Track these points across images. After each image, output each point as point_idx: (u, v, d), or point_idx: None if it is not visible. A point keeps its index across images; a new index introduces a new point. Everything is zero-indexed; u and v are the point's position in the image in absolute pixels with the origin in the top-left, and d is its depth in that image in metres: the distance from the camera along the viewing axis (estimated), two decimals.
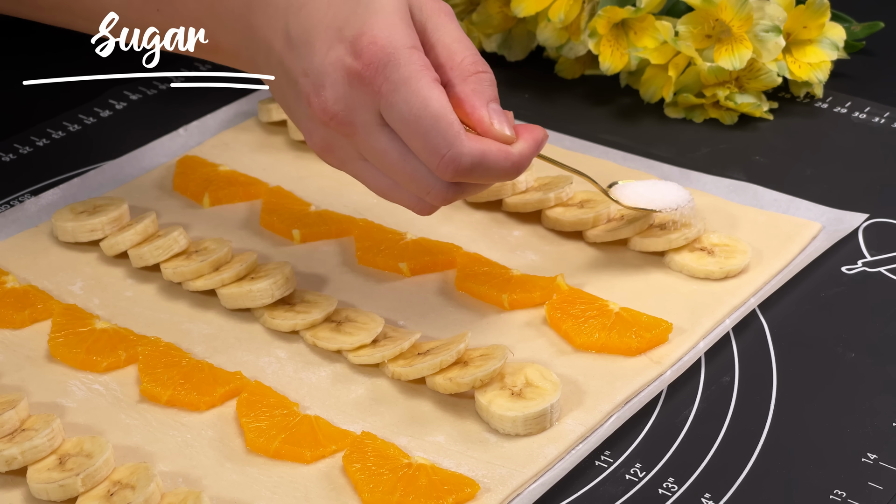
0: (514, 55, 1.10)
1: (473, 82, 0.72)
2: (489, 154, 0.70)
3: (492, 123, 0.71)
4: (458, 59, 0.72)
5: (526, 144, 0.71)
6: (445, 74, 0.72)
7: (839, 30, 1.02)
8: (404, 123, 0.69)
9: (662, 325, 0.78)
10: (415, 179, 0.71)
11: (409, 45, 0.70)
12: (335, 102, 0.71)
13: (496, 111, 0.71)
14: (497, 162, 0.70)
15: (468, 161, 0.69)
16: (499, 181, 0.73)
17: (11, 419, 0.71)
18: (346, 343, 0.77)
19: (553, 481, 0.69)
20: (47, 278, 0.85)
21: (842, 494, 0.68)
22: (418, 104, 0.69)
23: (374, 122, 0.71)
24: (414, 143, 0.70)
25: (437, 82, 0.70)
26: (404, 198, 0.73)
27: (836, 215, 0.89)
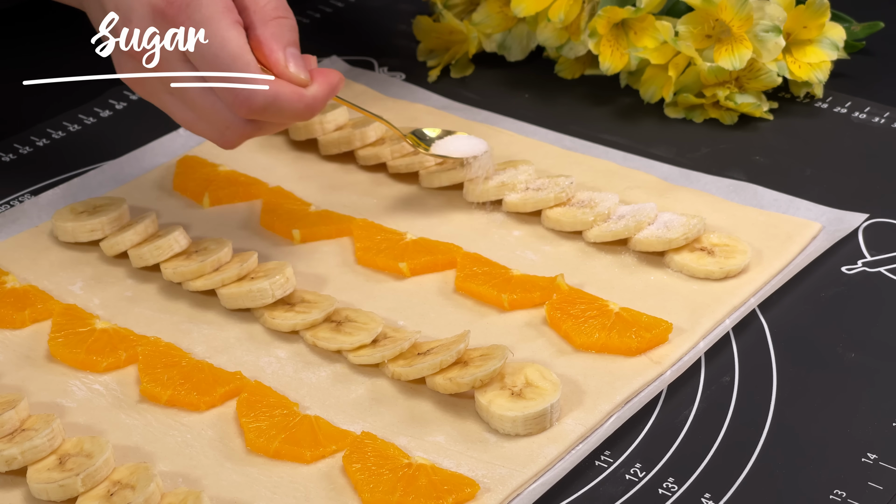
0: (514, 55, 1.10)
1: (273, 26, 0.77)
2: (282, 94, 0.75)
3: (287, 66, 0.76)
4: (261, 4, 0.77)
5: (320, 88, 0.76)
6: (248, 17, 0.77)
7: (839, 30, 1.02)
8: (204, 61, 0.74)
9: (662, 325, 0.78)
10: (214, 114, 0.76)
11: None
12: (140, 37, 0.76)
13: (293, 55, 0.76)
14: (290, 102, 0.75)
15: (261, 100, 0.74)
16: (294, 121, 0.79)
17: (11, 419, 0.71)
18: (346, 343, 0.78)
19: (553, 481, 0.69)
20: (47, 278, 0.86)
21: (842, 494, 0.68)
22: (217, 44, 0.74)
23: (177, 58, 0.75)
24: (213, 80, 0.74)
25: (237, 24, 0.75)
26: (207, 131, 0.78)
27: (836, 215, 0.89)
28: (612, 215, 0.87)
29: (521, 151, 0.97)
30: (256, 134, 0.78)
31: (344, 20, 1.20)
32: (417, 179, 0.94)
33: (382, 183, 0.95)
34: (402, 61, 1.12)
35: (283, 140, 1.00)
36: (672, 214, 0.86)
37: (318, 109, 0.77)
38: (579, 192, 0.90)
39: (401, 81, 1.08)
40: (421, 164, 0.93)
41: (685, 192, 0.92)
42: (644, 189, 0.92)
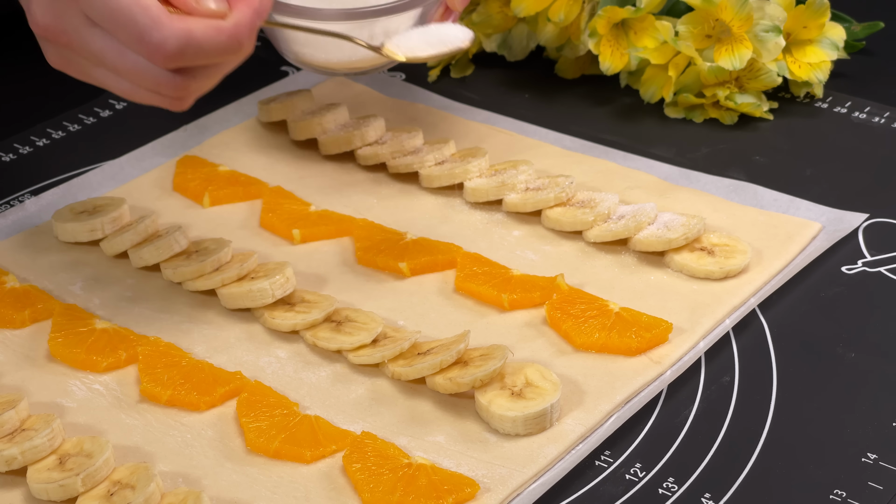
0: (514, 55, 1.10)
1: None
2: (195, 31, 0.68)
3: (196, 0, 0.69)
4: None
5: (240, 14, 0.70)
6: None
7: (839, 30, 1.02)
8: (105, 19, 0.68)
9: (662, 325, 0.78)
10: (138, 74, 0.70)
11: None
12: (43, 15, 0.70)
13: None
14: (208, 38, 0.68)
15: (174, 43, 0.68)
16: (222, 58, 0.70)
17: (11, 419, 0.71)
18: (346, 343, 0.78)
19: (553, 481, 0.69)
20: (47, 278, 0.86)
21: (842, 494, 0.68)
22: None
23: (83, 25, 0.70)
24: (121, 36, 0.68)
25: None
26: (146, 96, 0.72)
27: (836, 215, 0.89)
28: (612, 215, 0.87)
29: (521, 151, 0.97)
30: (196, 84, 0.71)
31: None
32: (417, 179, 0.94)
33: (382, 183, 0.95)
34: None
35: (283, 140, 1.00)
36: (672, 214, 0.86)
37: (245, 38, 0.70)
38: (579, 192, 0.90)
39: (401, 81, 1.08)
40: (421, 164, 0.93)
41: (685, 192, 0.92)
42: (644, 189, 0.92)
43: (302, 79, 1.08)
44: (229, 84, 1.08)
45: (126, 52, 0.69)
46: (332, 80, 1.07)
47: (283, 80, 1.08)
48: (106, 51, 0.70)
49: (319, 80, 1.08)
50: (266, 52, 1.14)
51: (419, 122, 1.01)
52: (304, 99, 1.00)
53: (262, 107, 1.01)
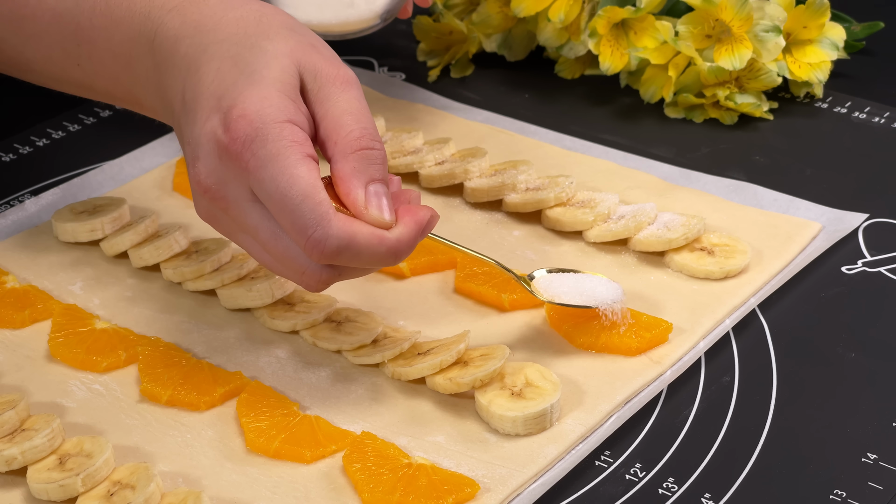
0: (514, 55, 1.10)
1: (355, 160, 0.68)
2: (359, 237, 0.67)
3: (367, 207, 0.68)
4: (343, 133, 0.69)
5: (406, 229, 0.68)
6: (329, 150, 0.69)
7: (839, 30, 1.02)
8: (272, 202, 0.67)
9: (662, 325, 0.78)
10: (287, 259, 0.69)
11: (282, 120, 0.67)
12: (207, 175, 0.68)
13: (376, 193, 0.68)
14: (369, 246, 0.67)
15: (335, 244, 0.66)
16: (378, 266, 0.70)
17: (11, 419, 0.71)
18: (346, 343, 0.78)
19: (553, 481, 0.69)
20: (47, 278, 0.85)
21: (842, 494, 0.68)
22: (284, 182, 0.66)
23: (245, 198, 0.68)
24: (283, 221, 0.67)
25: (308, 159, 0.67)
26: (286, 274, 0.70)
27: (836, 215, 0.89)
28: (612, 215, 0.87)
29: (521, 151, 0.97)
30: (340, 279, 0.70)
31: None
32: (417, 179, 0.94)
33: None
34: (402, 61, 1.12)
35: None
36: (672, 214, 0.86)
37: (404, 253, 0.68)
38: (579, 192, 0.90)
39: (401, 81, 1.09)
40: (421, 164, 0.93)
41: (685, 192, 0.92)
42: (644, 189, 0.92)
43: None
44: None
45: (281, 236, 0.68)
46: None
47: None
48: (261, 229, 0.68)
49: None
50: None
51: (419, 122, 1.01)
52: None
53: None
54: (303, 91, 0.70)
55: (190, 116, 0.69)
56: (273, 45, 0.69)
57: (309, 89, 0.70)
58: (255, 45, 0.69)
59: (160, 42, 0.72)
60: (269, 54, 0.69)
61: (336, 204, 0.67)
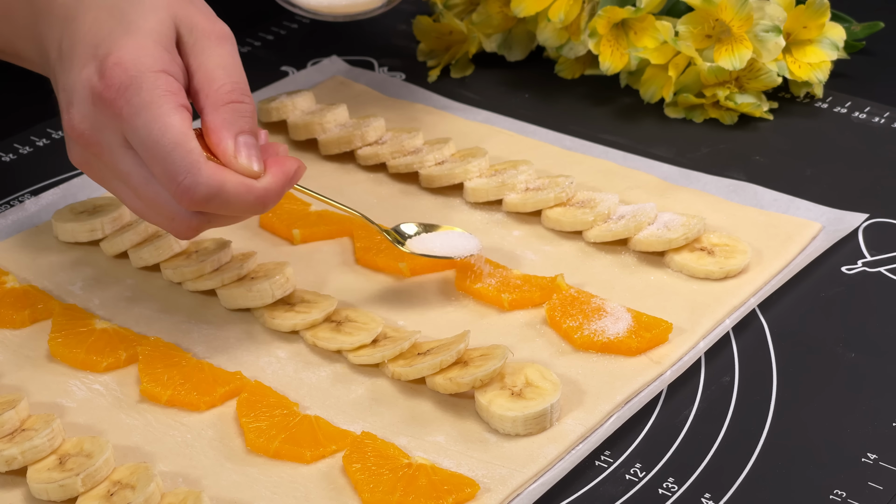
0: (514, 55, 1.10)
1: (226, 112, 0.71)
2: (228, 186, 0.69)
3: (236, 156, 0.70)
4: (215, 87, 0.71)
5: (273, 179, 0.71)
6: (201, 101, 0.71)
7: (839, 30, 1.02)
8: (144, 148, 0.69)
9: (662, 325, 0.78)
10: (158, 205, 0.71)
11: (157, 69, 0.69)
12: (81, 121, 0.70)
13: (245, 143, 0.70)
14: (238, 195, 0.69)
15: (204, 191, 0.68)
16: (246, 214, 0.72)
17: (11, 419, 0.71)
18: (346, 343, 0.78)
19: (553, 481, 0.69)
20: (47, 278, 0.86)
21: (842, 494, 0.68)
22: (157, 130, 0.68)
23: (118, 144, 0.70)
24: (154, 168, 0.69)
25: (181, 108, 0.69)
26: (156, 220, 0.72)
27: (836, 215, 0.89)
28: (612, 215, 0.87)
29: (521, 151, 0.97)
30: (209, 226, 0.73)
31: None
32: (417, 179, 0.94)
33: (382, 183, 0.95)
34: (402, 61, 1.12)
35: (283, 140, 1.00)
36: (672, 214, 0.86)
37: (272, 202, 0.71)
38: (579, 192, 0.90)
39: (401, 81, 1.09)
40: (421, 164, 0.93)
41: (685, 192, 0.92)
42: (644, 189, 0.92)
43: (302, 79, 1.09)
44: None
45: (152, 182, 0.70)
46: (332, 80, 1.07)
47: (283, 80, 1.08)
48: (133, 175, 0.71)
49: (319, 80, 1.08)
50: (266, 51, 1.14)
51: (419, 122, 1.01)
52: (304, 99, 1.00)
53: (262, 107, 1.01)
54: (178, 43, 0.72)
55: (66, 64, 0.71)
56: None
57: (184, 42, 0.72)
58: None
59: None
60: (147, 6, 0.71)
61: (207, 154, 0.70)
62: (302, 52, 1.13)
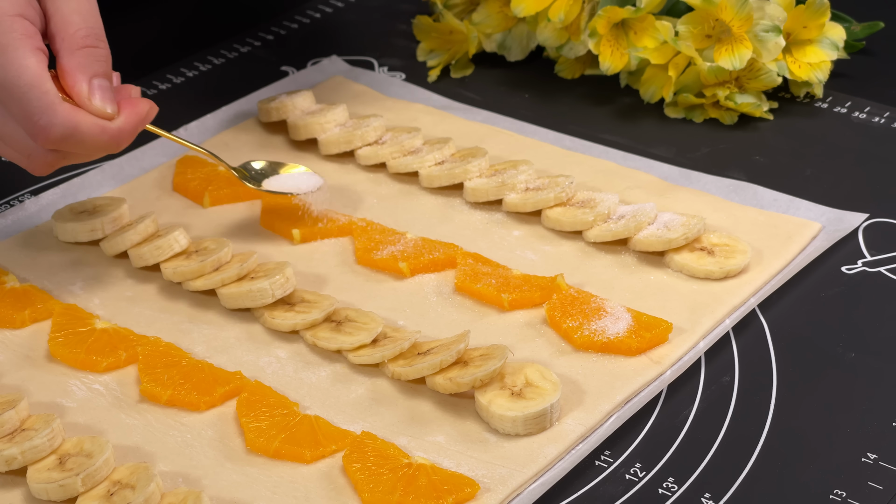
0: (514, 55, 1.10)
1: (81, 56, 0.74)
2: (82, 126, 0.72)
3: (90, 98, 0.73)
4: (70, 31, 0.74)
5: (127, 119, 0.74)
6: (56, 45, 0.74)
7: (839, 30, 1.02)
8: (1, 89, 0.72)
9: (662, 325, 0.78)
10: (14, 141, 0.74)
11: (13, 14, 0.72)
12: None
13: (99, 87, 0.74)
14: (92, 134, 0.73)
15: (59, 131, 0.72)
16: (100, 153, 0.75)
17: (11, 419, 0.71)
18: (346, 343, 0.78)
19: (553, 481, 0.69)
20: (47, 278, 0.86)
21: (842, 494, 0.68)
22: (13, 72, 0.71)
23: None
24: (11, 108, 0.72)
25: (37, 51, 0.72)
26: (12, 156, 0.76)
27: (836, 215, 0.89)
28: (612, 215, 0.87)
29: (521, 151, 0.97)
30: (64, 163, 0.76)
31: (344, 20, 1.20)
32: (417, 179, 0.94)
33: (382, 183, 0.95)
34: (402, 61, 1.12)
35: (283, 140, 1.00)
36: (672, 214, 0.86)
37: (125, 141, 0.75)
38: (579, 192, 0.90)
39: (401, 81, 1.08)
40: (421, 164, 0.93)
41: (685, 192, 0.92)
42: (644, 189, 0.92)
43: (302, 79, 1.09)
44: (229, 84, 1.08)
45: (9, 120, 0.73)
46: (332, 80, 1.07)
47: (283, 80, 1.08)
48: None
49: (319, 80, 1.08)
50: (266, 51, 1.14)
51: (419, 122, 1.01)
52: (304, 99, 1.00)
53: (262, 107, 1.01)
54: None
55: None
56: None
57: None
58: None
59: None
60: None
61: (63, 95, 0.73)
62: (302, 52, 1.13)
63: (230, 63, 1.12)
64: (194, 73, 1.10)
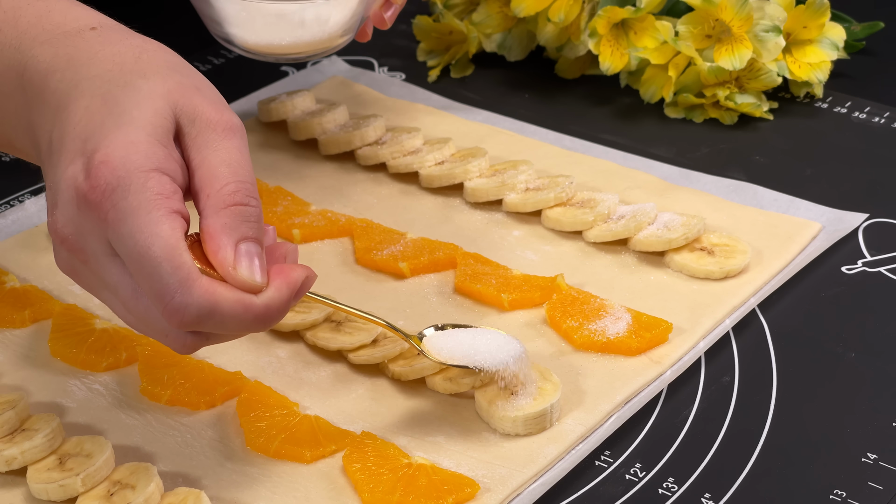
0: (514, 55, 1.10)
1: (227, 215, 0.62)
2: (222, 305, 0.60)
3: (235, 267, 0.61)
4: (217, 186, 0.62)
5: (276, 294, 0.62)
6: (201, 202, 0.63)
7: (839, 30, 1.02)
8: (130, 260, 0.60)
9: (662, 325, 0.78)
10: (149, 320, 0.62)
11: (148, 168, 0.60)
12: (65, 224, 0.62)
13: (247, 252, 0.62)
14: (234, 315, 0.61)
15: (195, 312, 0.60)
16: (246, 333, 0.63)
17: (11, 419, 0.71)
18: (346, 343, 0.77)
19: (553, 481, 0.69)
20: (47, 278, 0.85)
21: (842, 494, 0.68)
22: (143, 240, 0.60)
23: (104, 252, 0.62)
24: (141, 282, 0.61)
25: (173, 215, 0.61)
26: (151, 335, 0.64)
27: (836, 215, 0.89)
28: (612, 215, 0.87)
29: (521, 151, 0.97)
30: (208, 343, 0.64)
31: None
32: (417, 179, 0.94)
33: (382, 183, 0.95)
34: (402, 61, 1.12)
35: (283, 140, 1.00)
36: (672, 214, 0.86)
37: (275, 318, 0.62)
38: (579, 192, 0.90)
39: (401, 81, 1.09)
40: (421, 164, 0.93)
41: (685, 192, 0.92)
42: (644, 189, 0.92)
43: (302, 79, 1.09)
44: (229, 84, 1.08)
45: (142, 295, 0.62)
46: (332, 80, 1.07)
47: (283, 80, 1.08)
48: (122, 286, 0.62)
49: (319, 80, 1.08)
50: None
51: (419, 122, 1.01)
52: (304, 99, 1.00)
53: (262, 107, 1.01)
54: (180, 136, 0.64)
55: (55, 158, 0.63)
56: (149, 84, 0.63)
57: (186, 133, 0.64)
58: (128, 84, 0.63)
59: (30, 76, 0.65)
60: (143, 94, 0.62)
61: (202, 265, 0.61)
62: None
63: (230, 63, 1.12)
64: None
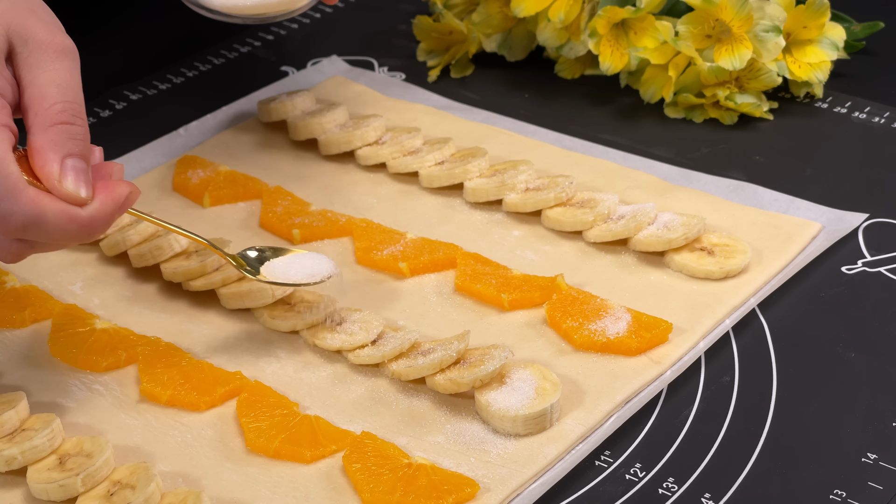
0: (514, 55, 1.10)
1: (54, 133, 0.65)
2: (48, 214, 0.64)
3: (60, 180, 0.64)
4: (45, 105, 0.66)
5: (100, 206, 0.65)
6: (30, 119, 0.66)
7: (839, 30, 1.02)
8: None
9: (662, 325, 0.78)
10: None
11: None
12: None
13: (73, 167, 0.65)
14: (58, 224, 0.64)
15: (20, 219, 0.63)
16: (71, 243, 0.67)
17: (11, 419, 0.71)
18: (346, 343, 0.78)
19: (553, 481, 0.69)
20: (47, 278, 0.86)
21: (842, 494, 0.68)
22: None
23: None
24: None
25: (2, 128, 0.64)
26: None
27: (835, 215, 0.89)
28: (612, 215, 0.87)
29: (521, 151, 0.97)
30: (33, 251, 0.67)
31: (344, 20, 1.20)
32: (417, 179, 0.94)
33: (382, 183, 0.95)
34: (402, 61, 1.12)
35: (283, 140, 1.00)
36: (672, 214, 0.86)
37: (99, 230, 0.66)
38: (579, 192, 0.90)
39: (401, 81, 1.08)
40: (421, 164, 0.93)
41: (685, 192, 0.92)
42: (644, 189, 0.92)
43: (302, 79, 1.09)
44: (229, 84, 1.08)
45: None
46: (332, 80, 1.07)
47: (283, 80, 1.08)
48: None
49: (319, 81, 1.08)
50: (266, 51, 1.14)
51: (419, 122, 1.01)
52: (304, 99, 1.00)
53: (262, 107, 1.01)
54: (11, 55, 0.66)
55: None
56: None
57: (18, 53, 0.67)
58: None
59: None
60: None
61: (30, 178, 0.65)
62: (302, 52, 1.13)
63: (230, 63, 1.12)
64: (194, 73, 1.10)
